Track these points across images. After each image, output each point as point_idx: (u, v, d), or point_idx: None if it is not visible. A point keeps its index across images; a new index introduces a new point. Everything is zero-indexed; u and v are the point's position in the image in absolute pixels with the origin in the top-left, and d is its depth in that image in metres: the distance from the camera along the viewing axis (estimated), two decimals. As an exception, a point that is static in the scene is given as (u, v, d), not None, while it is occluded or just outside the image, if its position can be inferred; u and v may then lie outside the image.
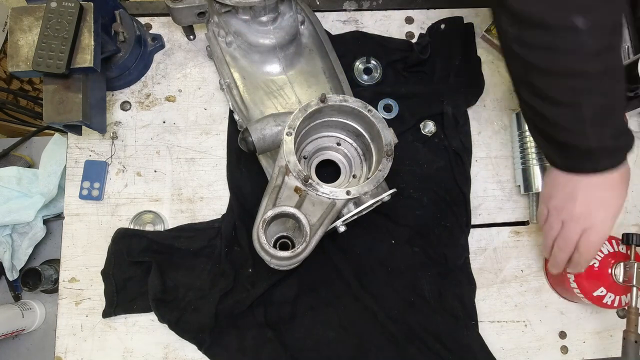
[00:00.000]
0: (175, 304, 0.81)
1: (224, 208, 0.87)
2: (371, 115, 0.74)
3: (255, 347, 0.80)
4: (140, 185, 0.88)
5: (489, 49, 0.98)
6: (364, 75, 0.93)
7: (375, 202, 0.74)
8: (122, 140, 0.90)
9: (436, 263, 0.86)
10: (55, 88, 0.73)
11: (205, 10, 0.83)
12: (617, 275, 0.76)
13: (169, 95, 0.92)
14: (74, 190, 0.87)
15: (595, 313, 0.88)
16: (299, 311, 0.83)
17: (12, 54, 0.72)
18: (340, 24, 0.97)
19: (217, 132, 0.91)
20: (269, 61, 0.86)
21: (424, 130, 0.92)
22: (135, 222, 0.86)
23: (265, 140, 0.75)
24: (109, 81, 0.88)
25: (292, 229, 0.73)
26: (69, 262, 0.85)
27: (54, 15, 0.70)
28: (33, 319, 0.96)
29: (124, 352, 0.82)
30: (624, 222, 0.92)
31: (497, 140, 0.94)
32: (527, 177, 0.87)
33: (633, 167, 0.93)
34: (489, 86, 0.95)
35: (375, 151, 0.78)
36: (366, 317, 0.82)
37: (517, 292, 0.88)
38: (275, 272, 0.81)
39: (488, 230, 0.90)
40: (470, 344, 0.82)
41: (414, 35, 0.97)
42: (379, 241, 0.86)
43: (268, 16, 0.82)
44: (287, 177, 0.72)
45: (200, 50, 0.94)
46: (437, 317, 0.83)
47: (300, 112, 0.73)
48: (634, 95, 0.88)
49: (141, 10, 0.96)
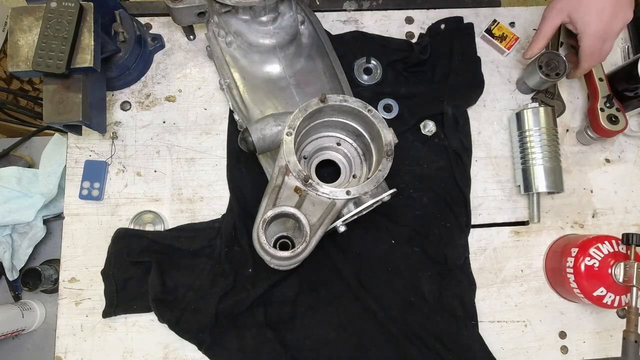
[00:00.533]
0: (175, 304, 0.81)
1: (224, 208, 0.87)
2: (371, 115, 0.74)
3: (255, 347, 0.80)
4: (140, 185, 0.88)
5: (489, 49, 0.98)
6: (364, 75, 0.93)
7: (375, 202, 0.74)
8: (122, 140, 0.90)
9: (436, 263, 0.86)
10: (55, 88, 0.73)
11: (205, 10, 0.83)
12: (617, 275, 0.76)
13: (169, 95, 0.92)
14: (74, 190, 0.87)
15: (595, 313, 0.88)
16: (299, 311, 0.83)
17: (12, 54, 0.72)
18: (340, 24, 0.97)
19: (217, 132, 0.91)
20: (269, 61, 0.86)
21: (424, 130, 0.92)
22: (135, 222, 0.86)
23: (265, 140, 0.75)
24: (109, 81, 0.88)
25: (292, 229, 0.73)
26: (69, 262, 0.85)
27: (54, 15, 0.70)
28: (33, 319, 0.96)
29: (124, 352, 0.82)
30: (624, 222, 0.92)
31: (497, 140, 0.94)
32: (527, 177, 0.87)
33: (633, 167, 0.94)
34: (489, 86, 0.95)
35: (375, 151, 0.78)
36: (366, 317, 0.82)
37: (517, 292, 0.88)
38: (275, 272, 0.81)
39: (488, 230, 0.90)
40: (470, 344, 0.82)
41: (414, 35, 0.97)
42: (379, 241, 0.86)
43: (268, 16, 0.82)
44: (287, 177, 0.72)
45: (200, 50, 0.94)
46: (437, 317, 0.83)
47: (300, 112, 0.73)
48: (634, 95, 0.88)
49: (141, 10, 0.96)
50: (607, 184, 0.93)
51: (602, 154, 0.95)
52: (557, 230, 0.91)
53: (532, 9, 1.00)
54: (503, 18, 0.98)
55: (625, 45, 0.99)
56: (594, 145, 0.95)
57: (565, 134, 0.95)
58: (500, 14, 0.99)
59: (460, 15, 0.97)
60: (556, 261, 0.85)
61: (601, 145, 0.95)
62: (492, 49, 0.97)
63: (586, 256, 0.77)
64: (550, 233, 0.90)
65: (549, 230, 0.91)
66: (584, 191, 0.93)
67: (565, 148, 0.94)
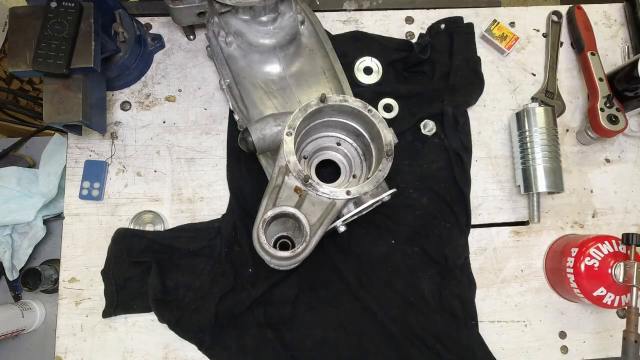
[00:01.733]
0: (175, 304, 0.81)
1: (224, 208, 0.87)
2: (371, 115, 0.74)
3: (255, 347, 0.80)
4: (140, 185, 0.88)
5: (489, 49, 0.98)
6: (364, 75, 0.93)
7: (375, 202, 0.74)
8: (122, 140, 0.90)
9: (436, 263, 0.86)
10: (55, 88, 0.73)
11: (205, 10, 0.83)
12: (617, 275, 0.76)
13: (169, 95, 0.92)
14: (74, 190, 0.87)
15: (595, 313, 0.88)
16: (299, 311, 0.83)
17: (12, 54, 0.71)
18: (340, 24, 0.97)
19: (217, 132, 0.91)
20: (269, 61, 0.86)
21: (424, 130, 0.92)
22: (135, 222, 0.86)
23: (265, 140, 0.75)
24: (109, 81, 0.88)
25: (292, 229, 0.73)
26: (69, 262, 0.85)
27: (54, 15, 0.70)
28: (33, 319, 0.96)
29: (124, 352, 0.82)
30: (624, 222, 0.92)
31: (497, 140, 0.94)
32: (527, 177, 0.87)
33: (633, 167, 0.94)
34: (489, 86, 0.95)
35: (375, 151, 0.78)
36: (366, 317, 0.82)
37: (517, 292, 0.88)
38: (275, 272, 0.81)
39: (488, 230, 0.90)
40: (470, 344, 0.82)
41: (414, 35, 0.97)
42: (379, 241, 0.86)
43: (268, 16, 0.82)
44: (287, 177, 0.72)
45: (200, 50, 0.94)
46: (437, 317, 0.83)
47: (300, 112, 0.73)
48: (634, 95, 0.88)
49: (141, 10, 0.96)
50: (607, 184, 0.93)
51: (602, 154, 0.95)
52: (557, 230, 0.91)
53: (532, 9, 1.00)
54: (503, 18, 0.98)
55: (625, 45, 0.99)
56: (594, 145, 0.95)
57: (565, 134, 0.95)
58: (500, 14, 0.99)
59: (460, 15, 0.97)
60: (556, 261, 0.85)
61: (601, 145, 0.95)
62: (492, 49, 0.97)
63: (586, 256, 0.77)
64: (550, 233, 0.90)
65: (549, 230, 0.91)
66: (584, 191, 0.93)
67: (565, 148, 0.94)
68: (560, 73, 0.97)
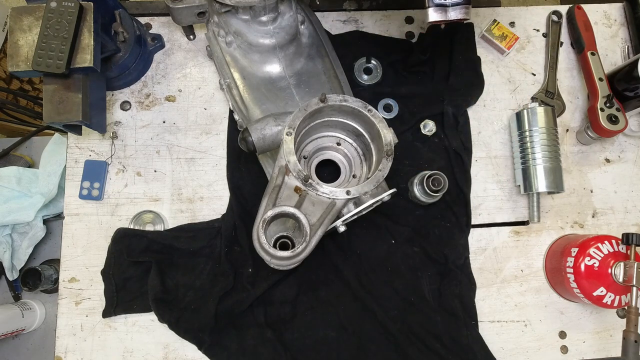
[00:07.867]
0: (175, 304, 0.81)
1: (224, 208, 0.87)
2: (371, 115, 0.74)
3: (255, 347, 0.80)
4: (140, 185, 0.88)
5: (489, 48, 0.98)
6: (364, 75, 0.93)
7: (375, 202, 0.74)
8: (122, 140, 0.90)
9: (436, 263, 0.86)
10: (55, 88, 0.73)
11: (205, 10, 0.83)
12: (617, 275, 0.76)
13: (169, 95, 0.92)
14: (74, 190, 0.87)
15: (595, 313, 0.88)
16: (299, 311, 0.83)
17: (12, 54, 0.71)
18: (340, 24, 0.97)
19: (217, 132, 0.91)
20: (269, 61, 0.86)
21: (424, 130, 0.92)
22: (135, 222, 0.86)
23: (265, 140, 0.75)
24: (109, 81, 0.88)
25: (292, 229, 0.73)
26: (69, 262, 0.85)
27: (54, 15, 0.70)
28: (33, 319, 0.96)
29: (124, 352, 0.82)
30: (624, 222, 0.92)
31: (497, 140, 0.94)
32: (527, 177, 0.87)
33: (633, 167, 0.94)
34: (489, 86, 0.95)
35: (375, 151, 0.78)
36: (366, 317, 0.82)
37: (517, 292, 0.88)
38: (275, 272, 0.81)
39: (488, 230, 0.90)
40: (470, 344, 0.82)
41: (414, 35, 0.97)
42: (379, 241, 0.86)
43: (268, 16, 0.82)
44: (287, 177, 0.72)
45: (200, 50, 0.94)
46: (437, 317, 0.83)
47: (300, 112, 0.73)
48: (634, 95, 0.88)
49: (141, 10, 0.96)
50: (607, 184, 0.93)
51: (602, 154, 0.95)
52: (557, 230, 0.91)
53: (532, 9, 1.00)
54: (503, 18, 0.98)
55: (625, 45, 0.99)
56: (594, 145, 0.95)
57: (565, 134, 0.95)
58: (500, 13, 0.99)
59: (460, 15, 0.97)
60: (556, 261, 0.85)
61: (601, 145, 0.95)
62: (492, 49, 0.97)
63: (586, 256, 0.77)
64: (550, 233, 0.90)
65: (549, 230, 0.91)
66: (584, 191, 0.93)
67: (565, 148, 0.94)
68: (560, 73, 0.97)
